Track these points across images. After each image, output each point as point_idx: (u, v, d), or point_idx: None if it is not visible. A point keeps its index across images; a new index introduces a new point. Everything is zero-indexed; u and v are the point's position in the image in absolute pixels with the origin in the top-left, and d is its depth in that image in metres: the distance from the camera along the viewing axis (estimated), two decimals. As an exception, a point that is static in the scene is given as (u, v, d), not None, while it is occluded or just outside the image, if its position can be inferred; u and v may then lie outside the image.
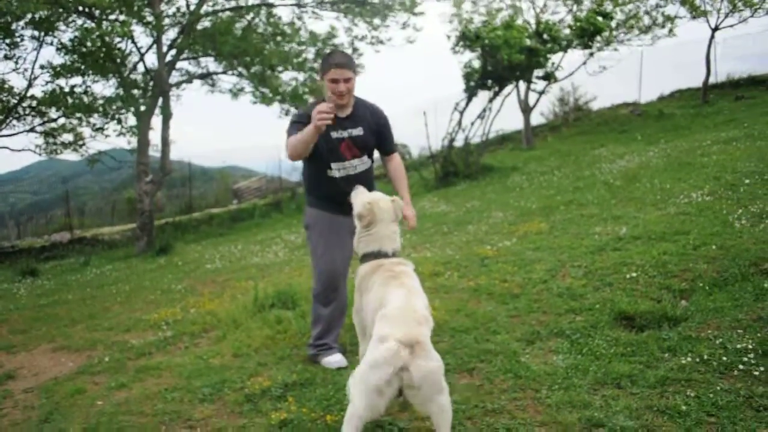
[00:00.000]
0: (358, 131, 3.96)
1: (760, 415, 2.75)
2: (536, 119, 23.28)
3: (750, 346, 3.31)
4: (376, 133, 4.05)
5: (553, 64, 16.42)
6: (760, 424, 2.68)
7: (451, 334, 4.19)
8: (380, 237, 3.36)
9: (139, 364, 4.79)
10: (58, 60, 14.02)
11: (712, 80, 19.98)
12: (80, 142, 15.25)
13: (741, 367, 3.14)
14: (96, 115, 14.78)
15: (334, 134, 3.90)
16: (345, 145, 3.94)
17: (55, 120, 14.90)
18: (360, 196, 3.51)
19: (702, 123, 15.31)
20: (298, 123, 3.80)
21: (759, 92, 18.06)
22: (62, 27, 13.48)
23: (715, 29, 18.95)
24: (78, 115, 14.52)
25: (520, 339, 3.95)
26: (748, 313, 3.72)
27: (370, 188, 3.86)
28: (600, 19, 16.82)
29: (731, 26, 18.92)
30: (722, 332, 3.56)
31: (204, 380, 4.08)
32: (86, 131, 15.27)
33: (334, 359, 4.07)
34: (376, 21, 15.91)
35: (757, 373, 3.06)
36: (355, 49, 16.71)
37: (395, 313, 2.78)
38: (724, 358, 3.24)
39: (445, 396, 2.58)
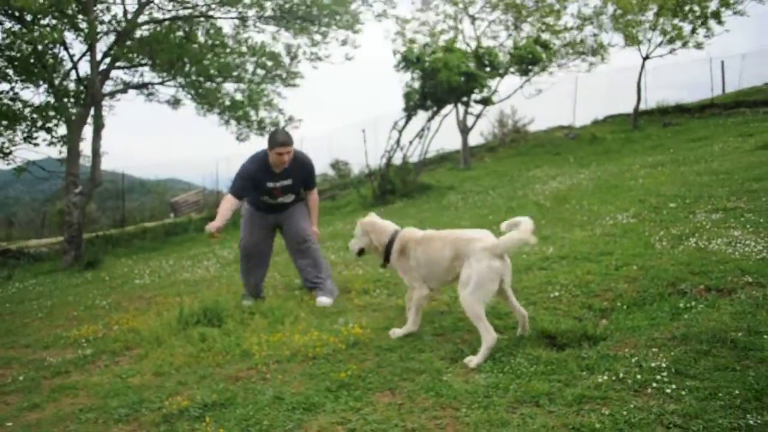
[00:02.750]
0: (287, 182, 5.77)
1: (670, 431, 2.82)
2: (476, 139, 23.74)
3: (663, 365, 3.39)
4: (301, 179, 5.88)
5: (489, 88, 16.79)
6: (669, 441, 2.75)
7: (376, 352, 4.16)
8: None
9: (54, 384, 4.61)
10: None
11: (642, 107, 20.85)
12: (6, 150, 14.60)
13: (654, 385, 3.22)
14: (24, 124, 14.23)
15: (269, 184, 5.72)
16: (276, 190, 5.80)
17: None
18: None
19: (631, 147, 15.90)
20: (244, 180, 5.67)
21: (685, 119, 18.91)
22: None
23: (646, 58, 19.78)
24: (4, 122, 13.94)
25: (444, 357, 3.95)
26: (663, 332, 3.83)
27: (298, 211, 6.03)
28: (538, 48, 17.37)
29: (661, 56, 19.82)
30: (638, 351, 3.65)
31: (121, 400, 3.94)
32: (14, 139, 14.64)
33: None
34: (317, 37, 15.92)
35: (669, 390, 3.14)
36: (293, 57, 16.62)
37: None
38: (639, 377, 3.32)
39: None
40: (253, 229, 6.07)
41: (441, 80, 14.28)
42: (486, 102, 17.11)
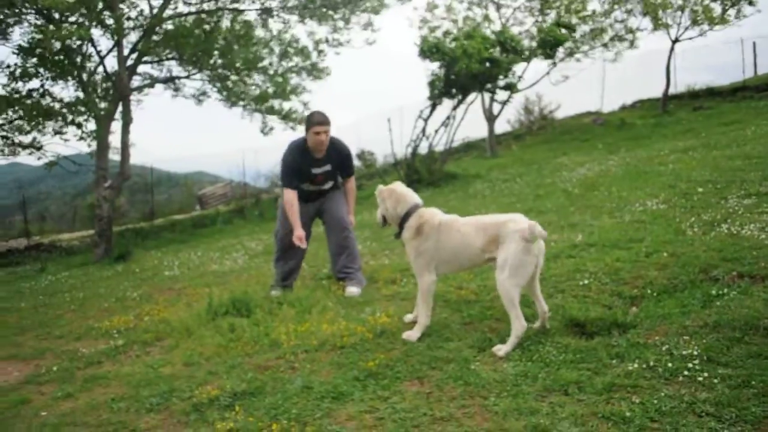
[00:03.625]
0: (327, 167, 5.82)
1: (702, 420, 2.78)
2: (502, 127, 23.54)
3: (695, 353, 3.35)
4: (339, 164, 5.90)
5: (515, 74, 16.60)
6: (702, 429, 2.71)
7: (404, 341, 4.17)
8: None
9: (87, 374, 4.70)
10: (13, 60, 13.64)
11: (672, 91, 20.47)
12: (38, 145, 14.88)
13: (686, 373, 3.18)
14: (55, 119, 14.48)
15: (314, 170, 5.77)
16: (320, 177, 5.84)
17: (11, 122, 14.52)
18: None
19: (661, 132, 15.63)
20: (292, 170, 5.72)
21: (716, 103, 18.52)
22: (16, 29, 13.18)
23: (675, 41, 19.41)
24: (37, 119, 14.21)
25: (472, 346, 3.94)
26: (694, 320, 3.78)
27: (338, 198, 6.06)
28: (562, 31, 17.10)
29: (690, 39, 19.40)
30: (669, 338, 3.60)
31: (152, 390, 4.01)
32: (45, 135, 14.93)
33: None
34: (339, 23, 15.91)
35: (701, 379, 3.10)
36: (320, 51, 16.67)
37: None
38: (670, 365, 3.28)
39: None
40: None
41: (461, 68, 14.15)
42: (511, 88, 16.91)
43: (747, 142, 10.60)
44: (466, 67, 14.07)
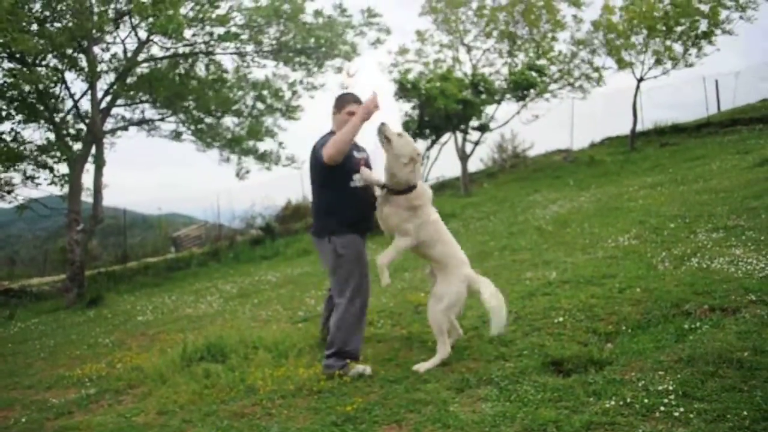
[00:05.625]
0: (365, 154, 4.83)
1: (679, 457, 2.79)
2: (476, 165, 23.77)
3: (671, 388, 3.38)
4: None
5: (487, 115, 16.90)
6: (679, 466, 2.72)
7: (381, 384, 4.14)
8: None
9: (57, 425, 4.57)
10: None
11: (639, 128, 20.94)
12: (7, 189, 14.66)
13: (662, 408, 3.20)
14: (26, 163, 14.31)
15: (356, 154, 4.69)
16: (362, 162, 4.72)
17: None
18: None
19: (630, 169, 15.94)
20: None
21: (682, 139, 18.97)
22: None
23: (641, 80, 19.94)
24: (6, 162, 14.03)
25: (450, 387, 3.93)
26: (669, 355, 3.82)
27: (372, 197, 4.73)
28: (533, 74, 17.55)
29: (655, 77, 19.96)
30: (645, 374, 3.63)
31: (125, 440, 3.91)
32: (16, 177, 14.73)
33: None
34: (314, 68, 16.10)
35: (677, 414, 3.12)
36: (294, 92, 16.81)
37: None
38: (646, 401, 3.30)
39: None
40: (364, 262, 4.66)
41: (438, 107, 14.39)
42: (483, 129, 17.21)
43: (713, 177, 10.86)
44: (444, 107, 14.32)
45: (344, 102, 4.67)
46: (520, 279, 6.48)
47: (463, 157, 20.77)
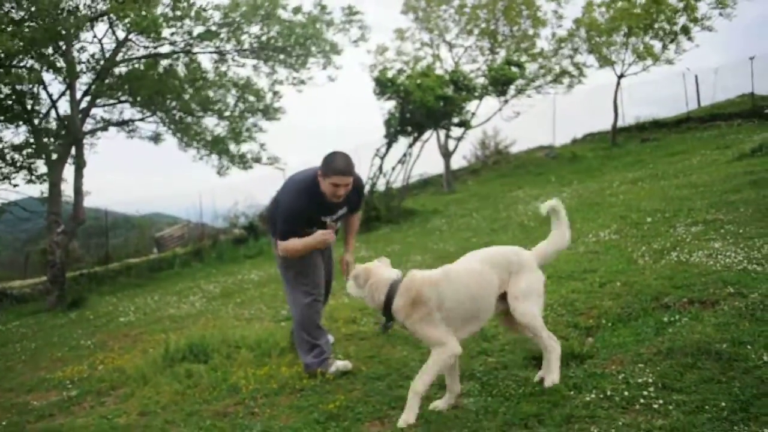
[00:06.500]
0: (342, 211, 4.58)
1: (659, 448, 2.82)
2: (459, 162, 23.88)
3: (650, 380, 3.41)
4: (353, 203, 4.65)
5: (467, 111, 16.97)
6: (658, 457, 2.75)
7: (364, 381, 4.15)
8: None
9: (38, 428, 4.55)
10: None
11: (620, 124, 21.12)
12: (-15, 192, 14.46)
13: (642, 401, 3.23)
14: (2, 163, 14.11)
15: (326, 218, 4.48)
16: (333, 224, 4.58)
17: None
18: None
19: (611, 164, 16.08)
20: (295, 221, 4.36)
21: (662, 134, 19.17)
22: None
23: (621, 76, 20.10)
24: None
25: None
26: (648, 348, 3.85)
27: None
28: (512, 69, 17.63)
29: (635, 74, 20.13)
30: (625, 367, 3.66)
31: (106, 442, 3.89)
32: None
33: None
34: (297, 65, 16.06)
35: (656, 406, 3.15)
36: (275, 93, 16.75)
37: None
38: (626, 393, 3.33)
39: None
40: (316, 269, 4.72)
41: (416, 101, 14.40)
42: (465, 125, 17.27)
43: (693, 172, 10.98)
44: (421, 101, 14.32)
45: (331, 171, 4.22)
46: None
47: (446, 154, 20.85)
